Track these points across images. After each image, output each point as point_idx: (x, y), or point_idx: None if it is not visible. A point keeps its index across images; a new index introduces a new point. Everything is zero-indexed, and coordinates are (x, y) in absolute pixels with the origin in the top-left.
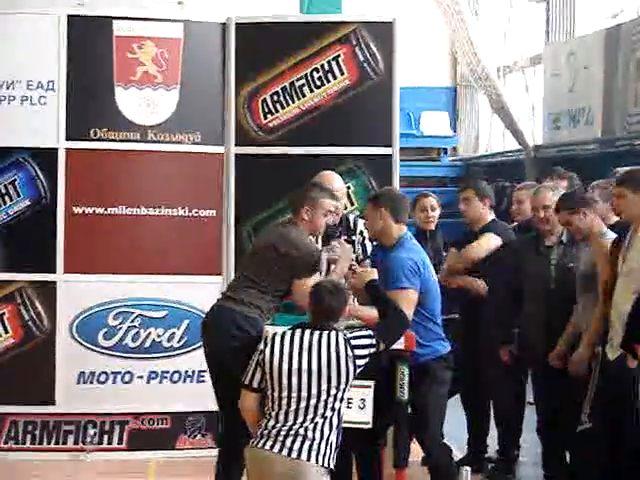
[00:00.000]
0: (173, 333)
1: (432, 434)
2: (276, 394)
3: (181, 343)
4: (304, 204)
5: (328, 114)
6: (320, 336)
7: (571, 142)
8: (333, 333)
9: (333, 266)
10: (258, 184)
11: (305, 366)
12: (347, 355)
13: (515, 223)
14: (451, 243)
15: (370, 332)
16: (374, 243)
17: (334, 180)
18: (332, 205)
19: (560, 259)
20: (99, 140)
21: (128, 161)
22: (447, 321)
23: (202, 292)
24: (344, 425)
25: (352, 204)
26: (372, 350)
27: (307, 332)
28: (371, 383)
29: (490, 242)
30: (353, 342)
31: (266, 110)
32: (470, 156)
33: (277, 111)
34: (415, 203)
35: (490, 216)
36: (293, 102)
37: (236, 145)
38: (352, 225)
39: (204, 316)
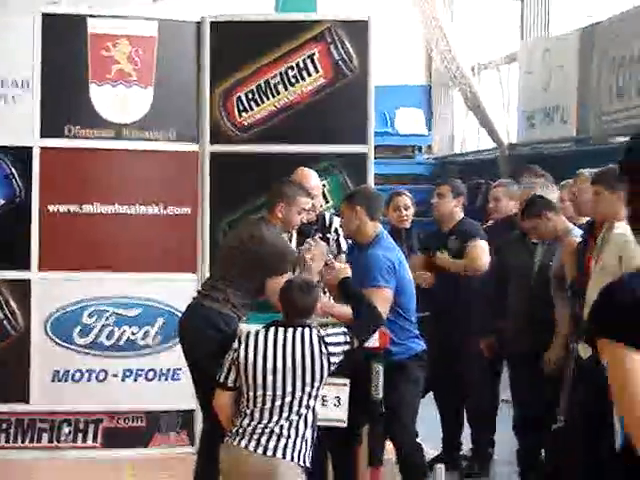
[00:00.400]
0: (147, 331)
1: (405, 432)
2: (251, 392)
3: (156, 341)
4: (279, 201)
5: (303, 112)
6: (294, 334)
7: (545, 140)
8: (307, 330)
9: (307, 264)
10: (233, 182)
11: (280, 364)
12: (321, 352)
13: (491, 221)
14: (420, 248)
15: (344, 329)
16: (349, 242)
17: (310, 177)
18: (307, 203)
19: (544, 257)
20: (74, 138)
21: (103, 159)
22: (420, 319)
23: (177, 290)
24: (319, 423)
25: (327, 202)
26: (346, 347)
27: (281, 330)
28: (346, 381)
29: (484, 248)
30: (327, 339)
31: (241, 108)
32: (445, 154)
33: (252, 109)
34: (389, 201)
35: (460, 214)
36: (268, 100)
37: (211, 143)
38: (327, 223)
39: (180, 315)
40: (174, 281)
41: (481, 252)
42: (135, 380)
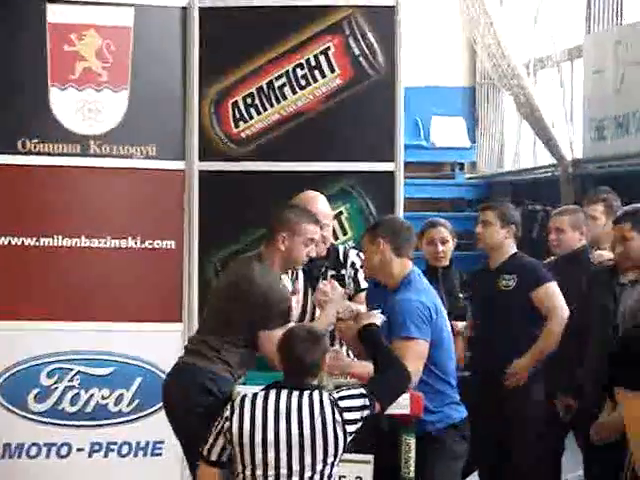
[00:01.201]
0: (122, 395)
1: None
2: (248, 472)
3: (131, 407)
4: (280, 230)
5: (315, 121)
6: (300, 398)
7: (618, 155)
8: (316, 393)
9: (318, 312)
10: (228, 208)
11: (283, 436)
12: (335, 420)
13: (553, 257)
14: (462, 284)
15: (362, 390)
16: (371, 284)
17: (317, 202)
18: (316, 232)
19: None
20: (29, 154)
21: (65, 180)
22: (460, 380)
23: (158, 344)
24: None
25: (345, 233)
26: (366, 413)
27: (283, 393)
28: (370, 458)
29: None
30: (341, 403)
31: (238, 116)
32: (492, 173)
33: (251, 118)
34: (421, 234)
35: (511, 247)
36: (271, 106)
37: (200, 160)
38: (342, 257)
39: (165, 376)
40: (155, 332)
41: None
42: (105, 456)
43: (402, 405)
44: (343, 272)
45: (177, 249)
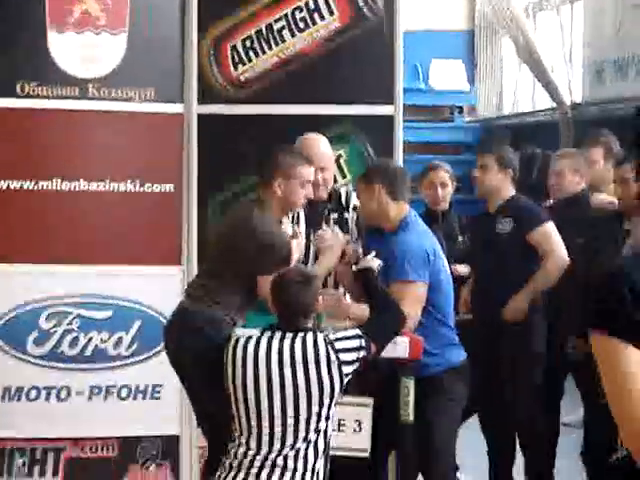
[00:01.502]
0: (120, 338)
1: (442, 465)
2: (243, 416)
3: (131, 350)
4: (275, 175)
5: (314, 64)
6: (293, 340)
7: (618, 98)
8: (310, 335)
9: (320, 257)
10: (227, 152)
11: (276, 379)
12: (330, 361)
13: (551, 200)
14: (462, 227)
15: (358, 331)
16: (367, 228)
17: (317, 144)
18: (310, 173)
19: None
20: (28, 97)
21: (64, 123)
22: (459, 323)
23: (157, 287)
24: (335, 453)
25: (344, 176)
26: (362, 354)
27: (277, 336)
28: (369, 401)
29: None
30: (337, 344)
31: (237, 59)
32: (491, 116)
33: (250, 60)
34: (421, 177)
35: (510, 191)
36: (270, 49)
37: (199, 103)
38: (344, 200)
39: (166, 321)
40: (154, 276)
41: (555, 244)
42: (105, 399)
43: (401, 349)
44: (346, 215)
45: (176, 192)
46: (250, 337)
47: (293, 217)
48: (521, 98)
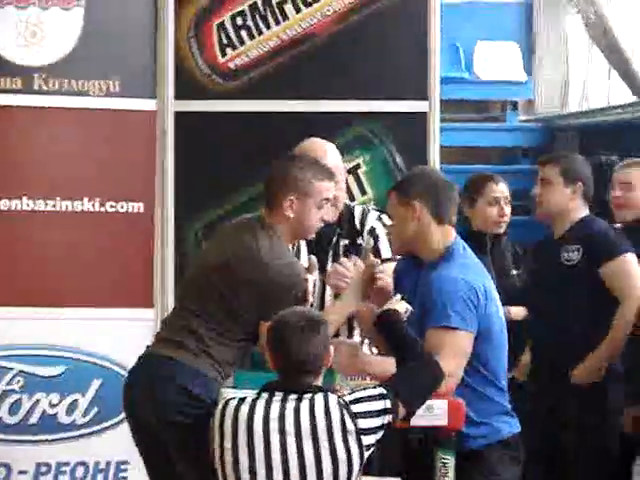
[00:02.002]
0: (75, 401)
1: None
2: None
3: (88, 418)
4: (287, 192)
5: (324, 49)
6: (298, 403)
7: None
8: (319, 396)
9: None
10: (212, 160)
11: (277, 453)
12: (346, 430)
13: (619, 223)
14: (516, 258)
15: (381, 390)
16: (400, 258)
17: (325, 152)
18: (330, 190)
19: None
20: None
21: (2, 123)
22: (511, 384)
23: (123, 336)
24: None
25: (363, 192)
26: (387, 419)
27: (276, 399)
28: None
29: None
30: (355, 408)
31: (225, 42)
32: (554, 114)
33: (242, 43)
34: (475, 189)
35: (580, 211)
36: (268, 29)
37: (176, 99)
38: (358, 222)
39: (127, 373)
40: (118, 321)
41: (634, 282)
42: None
43: (438, 414)
44: (360, 242)
45: (147, 213)
46: (243, 399)
47: (292, 244)
48: (592, 91)
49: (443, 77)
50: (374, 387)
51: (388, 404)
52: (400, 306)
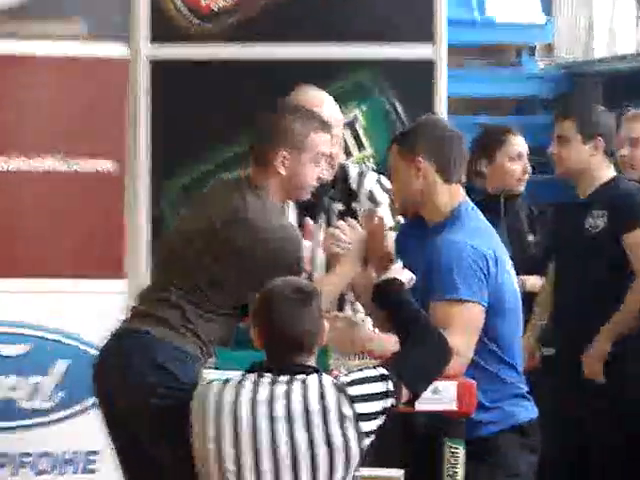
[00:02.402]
0: (38, 384)
1: None
2: None
3: (53, 403)
4: (279, 145)
5: None
6: (289, 385)
7: None
8: (313, 377)
9: (334, 268)
10: (192, 113)
11: (266, 441)
12: (342, 415)
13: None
14: (532, 222)
15: (383, 371)
16: (402, 219)
17: (321, 103)
18: (328, 143)
19: None
20: None
21: None
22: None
23: (92, 310)
24: None
25: (361, 147)
26: (389, 402)
27: (265, 380)
28: (400, 473)
29: None
30: (352, 390)
31: None
32: (577, 60)
33: None
34: (493, 143)
35: (608, 170)
36: None
37: (152, 43)
38: (355, 184)
39: (99, 351)
40: (87, 295)
41: None
42: (15, 473)
43: (446, 398)
44: (355, 206)
45: (119, 173)
46: (227, 381)
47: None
48: (620, 35)
49: (451, 19)
50: (374, 367)
51: (390, 386)
52: (403, 275)
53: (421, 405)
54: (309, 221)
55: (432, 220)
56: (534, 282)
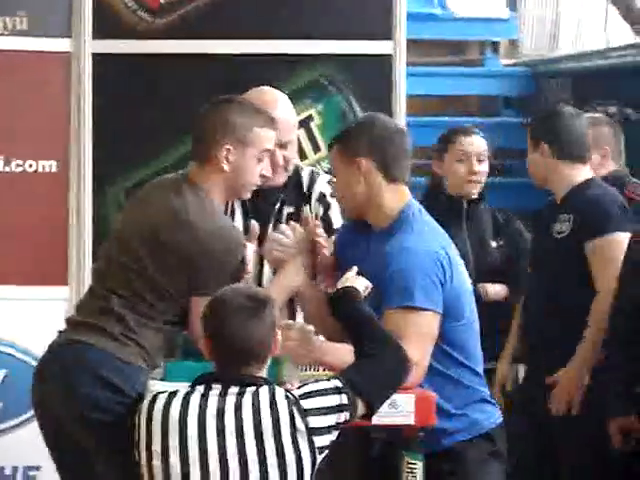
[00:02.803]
0: None
1: None
2: None
3: None
4: (222, 140)
5: None
6: (239, 397)
7: None
8: (264, 390)
9: (278, 273)
10: (138, 111)
11: (214, 455)
12: (295, 428)
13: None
14: (497, 227)
15: (337, 383)
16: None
17: (275, 104)
18: (272, 139)
19: None
20: None
21: None
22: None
23: (31, 318)
24: None
25: (316, 149)
26: (344, 416)
27: (214, 392)
28: None
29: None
30: (306, 403)
31: None
32: (543, 57)
33: None
34: (441, 147)
35: (579, 174)
36: None
37: (95, 37)
38: (306, 186)
39: (37, 363)
40: (27, 302)
41: (609, 267)
42: None
43: (404, 411)
44: (305, 210)
45: (61, 173)
46: (174, 393)
47: (226, 209)
48: (587, 30)
49: (411, 13)
50: (328, 379)
51: (344, 399)
52: (358, 283)
53: (378, 419)
54: (255, 224)
55: (378, 223)
56: (498, 290)
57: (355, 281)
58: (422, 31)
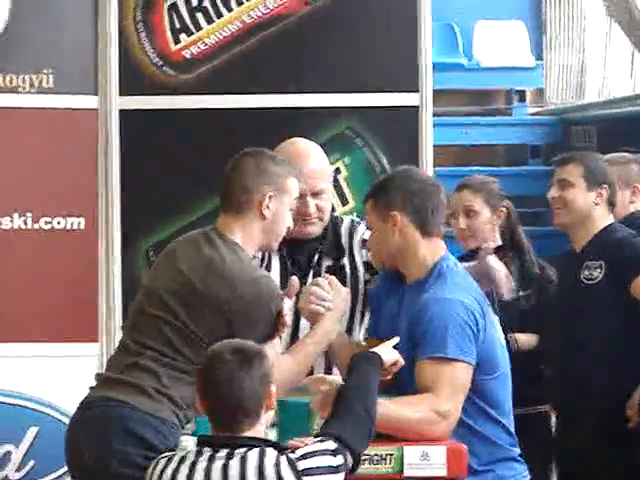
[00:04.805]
0: (8, 454)
1: None
2: None
3: (23, 472)
4: (264, 185)
5: (295, 33)
6: (228, 461)
7: None
8: (254, 453)
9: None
10: (165, 166)
11: None
12: None
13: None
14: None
15: (333, 444)
16: (380, 273)
17: (308, 155)
18: (297, 190)
19: None
20: None
21: None
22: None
23: (62, 376)
24: None
25: (344, 202)
26: (339, 476)
27: (204, 457)
28: None
29: None
30: (301, 464)
31: (178, 26)
32: (568, 105)
33: (199, 29)
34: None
35: (606, 219)
36: (229, 11)
37: (121, 94)
38: (344, 236)
39: (69, 420)
40: (57, 359)
41: None
42: None
43: (436, 463)
44: (344, 262)
45: (89, 230)
46: (171, 458)
47: (262, 262)
48: (613, 77)
49: (436, 63)
50: (322, 440)
51: (340, 460)
52: (389, 354)
53: (410, 471)
54: (295, 280)
55: (412, 275)
56: (528, 340)
57: (386, 352)
58: (448, 81)
